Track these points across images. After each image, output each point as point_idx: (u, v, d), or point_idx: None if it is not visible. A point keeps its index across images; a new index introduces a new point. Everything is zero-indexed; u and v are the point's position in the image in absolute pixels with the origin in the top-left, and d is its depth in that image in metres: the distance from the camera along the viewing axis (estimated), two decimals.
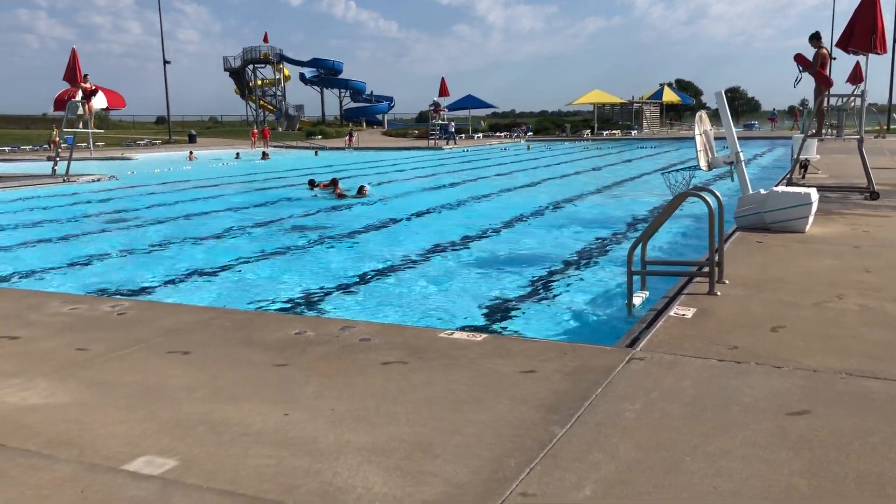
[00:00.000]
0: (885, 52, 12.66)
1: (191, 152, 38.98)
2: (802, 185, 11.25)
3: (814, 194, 9.10)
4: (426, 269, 9.11)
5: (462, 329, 5.98)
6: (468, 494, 2.94)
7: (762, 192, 9.36)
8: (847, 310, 5.57)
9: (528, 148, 43.29)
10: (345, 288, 8.18)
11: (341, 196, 17.23)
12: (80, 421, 3.77)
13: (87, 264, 9.92)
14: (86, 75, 24.77)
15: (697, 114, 9.83)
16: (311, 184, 19.32)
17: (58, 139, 25.06)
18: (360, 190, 16.38)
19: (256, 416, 3.77)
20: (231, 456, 3.33)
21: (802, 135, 14.05)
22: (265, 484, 3.07)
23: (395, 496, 2.94)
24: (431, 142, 46.71)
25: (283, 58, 74.26)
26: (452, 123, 50.93)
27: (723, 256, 6.50)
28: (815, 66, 12.54)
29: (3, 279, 8.94)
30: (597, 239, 11.03)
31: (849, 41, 12.49)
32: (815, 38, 12.71)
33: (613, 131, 59.31)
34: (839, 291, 6.09)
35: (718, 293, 6.06)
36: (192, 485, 3.07)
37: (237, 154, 39.29)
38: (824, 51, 12.59)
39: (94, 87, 24.57)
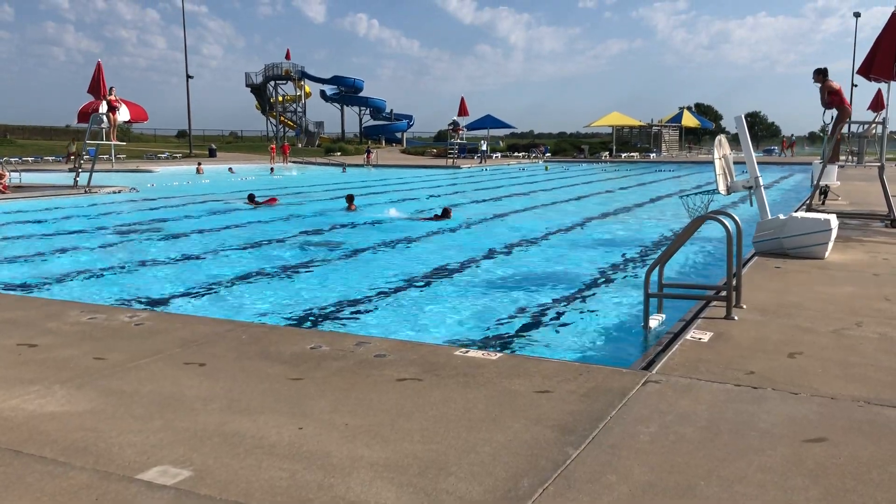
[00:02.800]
0: None
1: (199, 163, 39.10)
2: (822, 212, 11.20)
3: (833, 220, 9.05)
4: (440, 287, 9.13)
5: (477, 347, 5.98)
6: None
7: (781, 217, 9.32)
8: (866, 337, 5.52)
9: (546, 169, 43.33)
10: (357, 303, 8.20)
11: (353, 210, 17.80)
12: (97, 429, 3.80)
13: (105, 274, 10.01)
14: (111, 88, 25.11)
15: (717, 138, 9.82)
16: (251, 199, 19.82)
17: (76, 151, 25.31)
18: (445, 212, 15.97)
19: (271, 429, 3.78)
20: (245, 468, 3.34)
21: (822, 161, 14.00)
22: (278, 497, 3.08)
23: None
24: (450, 160, 46.84)
25: (304, 75, 74.87)
26: (482, 142, 52.16)
27: (741, 281, 6.47)
28: (824, 97, 12.50)
29: (25, 287, 9.04)
30: (613, 260, 11.00)
31: (870, 68, 12.45)
32: (820, 73, 12.67)
33: (632, 154, 59.25)
34: (858, 319, 6.04)
35: (736, 318, 6.03)
36: (205, 496, 3.08)
37: (272, 169, 39.64)
38: (830, 83, 12.53)
39: (118, 100, 24.90)
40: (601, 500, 3.04)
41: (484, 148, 51.40)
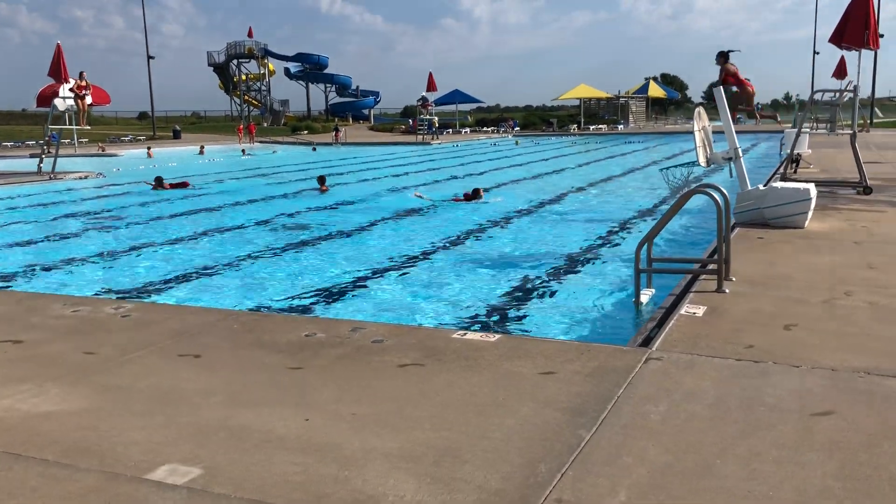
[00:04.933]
0: (877, 48, 12.76)
1: (149, 148, 37.30)
2: (796, 181, 11.29)
3: (812, 190, 9.13)
4: (423, 269, 9.07)
5: (473, 329, 5.95)
6: (504, 502, 2.90)
7: (761, 187, 9.37)
8: (857, 307, 5.58)
9: (517, 143, 43.27)
10: (345, 287, 8.13)
11: (325, 191, 17.65)
12: (97, 428, 3.71)
13: (82, 264, 9.80)
14: (81, 72, 24.43)
15: (696, 109, 9.84)
16: (158, 181, 19.12)
17: (50, 136, 24.64)
18: (475, 193, 15.39)
19: (277, 422, 3.72)
20: (256, 463, 3.28)
21: (795, 129, 14.12)
22: (295, 492, 3.02)
23: None
24: (419, 137, 46.56)
25: (267, 52, 73.69)
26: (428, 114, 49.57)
27: (730, 254, 6.49)
28: (721, 78, 12.46)
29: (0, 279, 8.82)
30: (596, 235, 11.02)
31: (842, 36, 12.54)
32: (722, 56, 12.60)
33: (600, 126, 59.36)
34: (847, 288, 6.10)
35: (727, 291, 6.05)
36: (220, 494, 3.02)
37: (243, 150, 38.71)
38: (729, 66, 12.49)
39: (88, 85, 24.25)
40: (621, 484, 3.02)
41: (432, 119, 47.97)
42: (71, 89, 23.54)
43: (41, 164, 23.11)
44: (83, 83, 23.94)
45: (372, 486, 3.05)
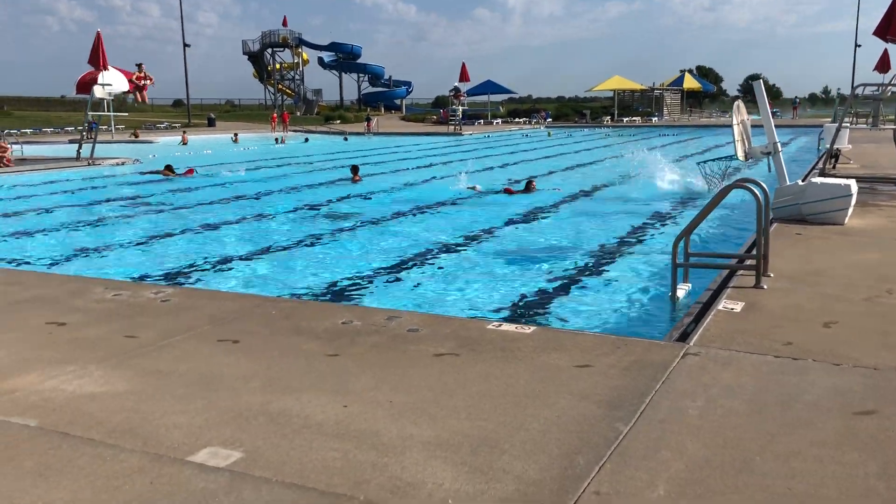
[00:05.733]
0: None
1: (184, 133, 36.83)
2: (835, 176, 11.12)
3: (853, 186, 8.98)
4: (457, 259, 9.08)
5: (509, 321, 5.95)
6: (542, 492, 2.92)
7: (800, 182, 9.24)
8: None
9: (549, 135, 43.06)
10: (379, 276, 8.17)
11: (357, 181, 17.68)
12: (139, 410, 3.78)
13: (121, 248, 9.95)
14: (140, 64, 24.61)
15: (735, 103, 9.72)
16: (169, 169, 19.70)
17: (92, 122, 24.97)
18: (528, 185, 14.99)
19: (316, 408, 3.76)
20: (296, 448, 3.32)
21: (835, 124, 13.89)
22: (334, 478, 3.06)
23: (467, 493, 2.92)
24: (451, 127, 46.49)
25: (301, 42, 74.02)
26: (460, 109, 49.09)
27: (768, 249, 6.42)
28: None
29: (42, 262, 8.99)
30: (632, 228, 10.95)
31: (888, 29, 12.28)
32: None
33: (633, 118, 58.87)
34: (888, 286, 6.01)
35: (765, 287, 5.99)
36: (260, 478, 3.06)
37: (276, 139, 38.92)
38: None
39: (147, 76, 24.50)
40: (660, 478, 3.02)
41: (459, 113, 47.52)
42: (131, 80, 23.79)
43: (80, 150, 23.47)
44: (142, 74, 24.20)
45: (410, 474, 3.08)
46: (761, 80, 9.19)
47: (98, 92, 24.06)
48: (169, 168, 19.86)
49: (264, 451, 3.30)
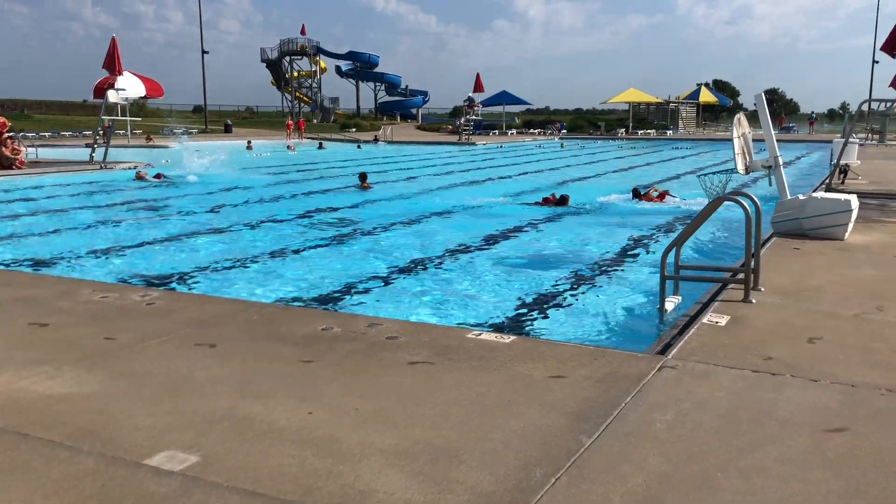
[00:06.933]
0: None
1: (249, 142, 37.95)
2: (841, 192, 11.01)
3: (854, 201, 8.88)
4: (453, 268, 9.05)
5: (490, 329, 5.91)
6: None
7: (801, 197, 9.15)
8: (888, 322, 5.41)
9: (562, 146, 42.99)
10: (367, 283, 8.15)
11: (366, 188, 17.75)
12: (106, 412, 3.77)
13: (117, 252, 10.00)
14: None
15: (736, 116, 9.65)
16: (140, 176, 20.01)
17: (107, 126, 25.20)
18: (563, 199, 14.76)
19: (281, 414, 3.74)
20: (253, 454, 3.30)
21: (843, 139, 13.77)
22: (286, 484, 3.03)
23: (417, 503, 2.88)
24: (464, 137, 46.51)
25: (319, 50, 74.50)
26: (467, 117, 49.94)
27: (759, 263, 6.34)
28: None
29: (39, 264, 9.04)
30: (626, 240, 10.88)
31: (894, 45, 12.17)
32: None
33: (648, 131, 58.68)
34: (879, 303, 5.92)
35: (754, 301, 5.92)
36: (212, 482, 3.04)
37: (288, 146, 39.15)
38: None
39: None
40: (615, 492, 2.97)
41: (469, 123, 48.43)
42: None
43: (93, 154, 23.67)
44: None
45: (363, 482, 3.05)
46: (762, 94, 9.12)
47: (112, 96, 24.31)
48: (140, 175, 20.31)
49: (221, 456, 3.27)
